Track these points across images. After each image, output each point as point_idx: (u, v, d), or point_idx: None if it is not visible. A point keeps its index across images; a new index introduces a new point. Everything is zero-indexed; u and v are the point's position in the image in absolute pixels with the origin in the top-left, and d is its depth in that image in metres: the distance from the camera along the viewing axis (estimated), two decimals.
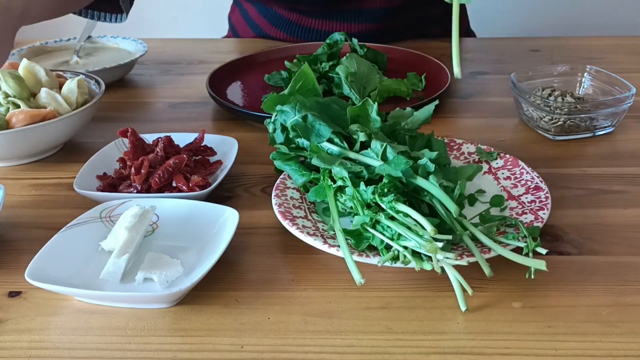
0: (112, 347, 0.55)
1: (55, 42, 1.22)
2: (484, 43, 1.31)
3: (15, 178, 0.83)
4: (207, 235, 0.66)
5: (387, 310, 0.58)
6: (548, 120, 0.87)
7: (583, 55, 1.21)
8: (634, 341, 0.54)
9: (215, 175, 0.78)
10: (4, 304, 0.60)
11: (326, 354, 0.53)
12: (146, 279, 0.61)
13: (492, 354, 0.53)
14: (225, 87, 1.04)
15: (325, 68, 1.02)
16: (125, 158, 0.77)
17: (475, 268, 0.59)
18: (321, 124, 0.68)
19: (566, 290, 0.60)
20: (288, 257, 0.66)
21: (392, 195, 0.59)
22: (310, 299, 0.60)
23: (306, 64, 0.77)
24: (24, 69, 0.88)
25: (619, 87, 0.91)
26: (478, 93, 1.05)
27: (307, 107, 0.70)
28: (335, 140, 0.69)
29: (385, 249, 0.59)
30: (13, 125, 0.81)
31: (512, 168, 0.75)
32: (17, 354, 0.54)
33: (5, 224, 0.72)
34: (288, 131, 0.71)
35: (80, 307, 0.59)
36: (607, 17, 2.00)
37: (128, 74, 1.16)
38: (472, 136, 0.86)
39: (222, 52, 1.28)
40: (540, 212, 0.65)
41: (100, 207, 0.68)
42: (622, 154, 0.84)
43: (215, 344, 0.55)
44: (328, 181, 0.65)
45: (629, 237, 0.67)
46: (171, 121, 0.99)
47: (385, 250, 0.59)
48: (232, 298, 0.60)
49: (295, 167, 0.70)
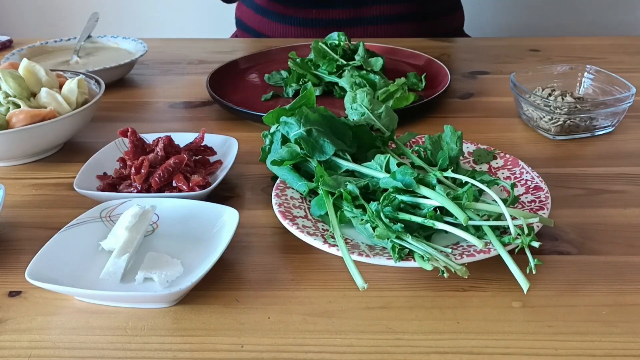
0: (112, 346, 0.55)
1: (55, 42, 1.22)
2: (484, 43, 1.31)
3: (15, 178, 0.83)
4: (207, 235, 0.66)
5: (387, 310, 0.58)
6: (548, 120, 0.87)
7: (583, 55, 1.21)
8: (634, 341, 0.54)
9: (215, 175, 0.78)
10: (4, 303, 0.60)
11: (326, 354, 0.53)
12: (146, 279, 0.61)
13: (492, 354, 0.53)
14: (225, 87, 1.04)
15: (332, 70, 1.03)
16: (126, 158, 0.77)
17: (476, 268, 0.59)
18: (325, 141, 0.69)
19: (566, 290, 0.60)
20: (288, 257, 0.66)
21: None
22: (310, 298, 0.60)
23: (311, 87, 0.78)
24: (24, 69, 0.88)
25: (619, 87, 0.91)
26: (478, 93, 1.05)
27: (311, 121, 0.70)
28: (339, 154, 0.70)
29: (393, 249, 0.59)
30: (13, 125, 0.81)
31: (512, 168, 0.75)
32: (17, 354, 0.54)
33: (5, 224, 0.72)
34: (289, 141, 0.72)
35: (81, 307, 0.59)
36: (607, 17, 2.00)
37: (128, 74, 1.16)
38: (472, 136, 0.86)
39: (222, 52, 1.28)
40: (540, 212, 0.65)
41: (100, 207, 0.68)
42: (622, 153, 0.84)
43: (215, 343, 0.55)
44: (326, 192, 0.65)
45: (629, 237, 0.67)
46: (171, 121, 0.99)
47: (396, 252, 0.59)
48: (232, 298, 0.60)
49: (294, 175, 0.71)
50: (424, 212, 0.62)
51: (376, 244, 0.62)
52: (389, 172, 0.66)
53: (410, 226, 0.61)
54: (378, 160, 0.68)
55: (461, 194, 0.62)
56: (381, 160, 0.67)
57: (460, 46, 1.31)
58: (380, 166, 0.67)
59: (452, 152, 0.73)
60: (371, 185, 0.66)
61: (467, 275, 0.56)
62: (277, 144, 0.72)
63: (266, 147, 0.74)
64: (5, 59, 1.11)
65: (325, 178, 0.66)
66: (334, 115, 0.73)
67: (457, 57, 1.25)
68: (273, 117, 0.75)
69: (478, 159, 0.78)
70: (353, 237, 0.64)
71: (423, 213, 0.62)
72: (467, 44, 1.33)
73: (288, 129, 0.71)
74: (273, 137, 0.73)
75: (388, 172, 0.66)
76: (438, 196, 0.61)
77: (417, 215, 0.61)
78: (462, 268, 0.56)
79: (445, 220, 0.61)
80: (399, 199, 0.63)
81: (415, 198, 0.63)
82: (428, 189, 0.62)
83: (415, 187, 0.62)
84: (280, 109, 0.75)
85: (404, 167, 0.64)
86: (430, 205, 0.62)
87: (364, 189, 0.66)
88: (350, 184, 0.65)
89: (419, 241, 0.59)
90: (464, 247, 0.61)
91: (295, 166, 0.72)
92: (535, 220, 0.61)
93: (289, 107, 0.75)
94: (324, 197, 0.65)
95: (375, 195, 0.66)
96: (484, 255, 0.59)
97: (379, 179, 0.66)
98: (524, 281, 0.56)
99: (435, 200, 0.61)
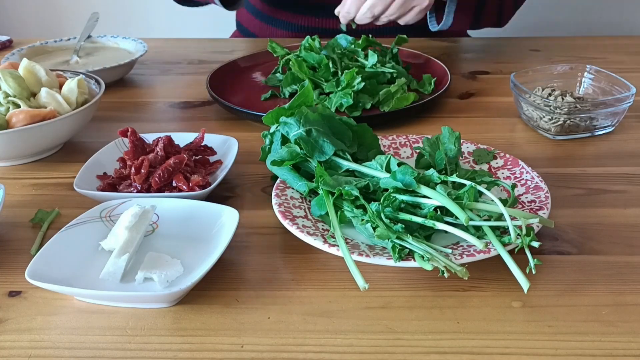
0: (112, 346, 0.55)
1: (55, 42, 1.22)
2: (484, 43, 1.31)
3: (15, 178, 0.83)
4: (207, 235, 0.66)
5: (387, 310, 0.58)
6: (548, 120, 0.87)
7: (583, 55, 1.21)
8: (634, 341, 0.54)
9: (215, 175, 0.78)
10: (4, 303, 0.60)
11: (326, 354, 0.53)
12: (146, 279, 0.61)
13: (492, 354, 0.53)
14: (225, 87, 1.04)
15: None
16: (126, 158, 0.77)
17: (476, 268, 0.59)
18: (325, 141, 0.69)
19: (566, 289, 0.60)
20: (288, 257, 0.66)
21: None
22: (310, 298, 0.60)
23: (309, 85, 0.78)
24: (24, 69, 0.88)
25: (619, 87, 0.91)
26: (478, 93, 1.05)
27: (311, 121, 0.70)
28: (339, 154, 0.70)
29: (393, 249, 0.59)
30: (13, 125, 0.81)
31: (512, 168, 0.75)
32: (17, 354, 0.54)
33: (5, 224, 0.72)
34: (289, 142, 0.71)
35: (81, 307, 0.59)
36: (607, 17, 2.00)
37: (128, 74, 1.16)
38: (472, 136, 0.86)
39: (222, 52, 1.28)
40: (540, 212, 0.65)
41: (100, 206, 0.68)
42: (622, 153, 0.84)
43: (215, 343, 0.55)
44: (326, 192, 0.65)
45: (629, 237, 0.67)
46: (171, 121, 0.99)
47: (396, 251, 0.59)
48: (232, 298, 0.60)
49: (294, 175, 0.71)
50: (425, 212, 0.62)
51: (376, 244, 0.62)
52: (389, 171, 0.66)
53: (410, 226, 0.61)
54: (378, 160, 0.68)
55: (462, 194, 0.62)
56: (382, 160, 0.67)
57: (460, 46, 1.31)
58: (381, 166, 0.67)
59: (450, 153, 0.73)
60: (372, 185, 0.66)
61: (467, 276, 0.56)
62: (277, 144, 0.72)
63: (266, 147, 0.74)
64: (5, 59, 1.11)
65: (326, 178, 0.66)
66: (334, 115, 0.73)
67: (457, 57, 1.25)
68: (273, 117, 0.75)
69: (478, 159, 0.78)
70: (353, 237, 0.64)
71: (424, 213, 0.62)
72: (467, 44, 1.33)
73: (288, 129, 0.71)
74: (273, 137, 0.73)
75: (388, 171, 0.66)
76: (439, 196, 0.61)
77: (418, 215, 0.61)
78: (462, 269, 0.56)
79: (445, 220, 0.61)
80: (399, 199, 0.62)
81: (416, 198, 0.63)
82: (429, 189, 0.62)
83: (415, 186, 0.62)
84: (280, 108, 0.75)
85: (404, 167, 0.64)
86: (431, 205, 0.62)
87: (364, 189, 0.66)
88: (350, 185, 0.65)
89: (419, 241, 0.59)
90: (464, 247, 0.61)
91: (295, 166, 0.72)
92: (535, 221, 0.61)
93: (287, 107, 0.75)
94: (324, 197, 0.65)
95: (376, 195, 0.66)
96: (484, 255, 0.59)
97: (379, 178, 0.66)
98: (524, 281, 0.56)
99: (436, 200, 0.61)
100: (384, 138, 0.81)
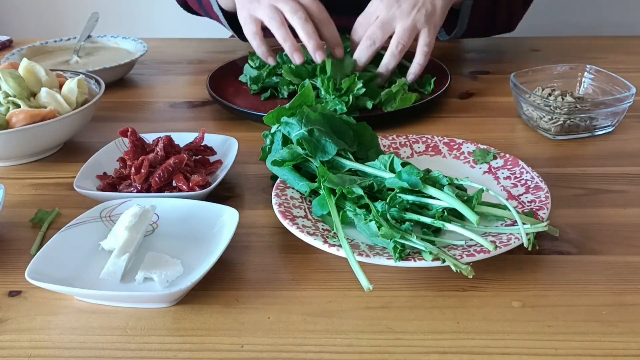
0: (112, 346, 0.55)
1: (55, 42, 1.22)
2: (484, 43, 1.31)
3: (15, 178, 0.83)
4: (207, 235, 0.66)
5: (387, 310, 0.58)
6: (548, 120, 0.87)
7: (583, 55, 1.21)
8: (634, 341, 0.54)
9: (215, 175, 0.78)
10: (4, 303, 0.60)
11: (326, 354, 0.53)
12: (146, 279, 0.61)
13: (492, 354, 0.53)
14: (225, 87, 1.04)
15: None
16: (126, 158, 0.77)
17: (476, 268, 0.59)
18: (327, 141, 0.69)
19: (566, 289, 0.60)
20: (288, 257, 0.66)
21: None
22: (310, 298, 0.60)
23: (309, 84, 0.77)
24: (24, 69, 0.88)
25: (619, 87, 0.91)
26: (478, 93, 1.05)
27: (313, 120, 0.70)
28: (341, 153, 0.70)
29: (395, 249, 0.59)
30: (13, 125, 0.81)
31: (512, 168, 0.75)
32: (17, 354, 0.54)
33: (5, 224, 0.72)
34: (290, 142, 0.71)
35: (81, 307, 0.59)
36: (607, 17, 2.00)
37: (128, 74, 1.16)
38: (472, 136, 0.86)
39: (222, 52, 1.28)
40: (540, 212, 0.65)
41: (100, 206, 0.68)
42: (622, 153, 0.84)
43: (215, 343, 0.55)
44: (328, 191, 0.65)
45: (629, 237, 0.67)
46: (171, 121, 0.99)
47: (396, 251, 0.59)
48: (232, 298, 0.60)
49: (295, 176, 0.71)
50: (432, 212, 0.62)
51: (376, 244, 0.62)
52: (392, 171, 0.66)
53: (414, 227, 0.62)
54: (382, 159, 0.67)
55: (472, 196, 0.62)
56: (385, 160, 0.67)
57: (460, 46, 1.31)
58: (384, 165, 0.67)
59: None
60: (376, 184, 0.66)
61: (471, 275, 0.56)
62: (278, 144, 0.72)
63: (266, 146, 0.74)
64: (5, 59, 1.11)
65: (330, 176, 0.66)
66: (334, 114, 0.73)
67: (457, 57, 1.25)
68: (273, 117, 0.75)
69: (478, 159, 0.78)
70: (353, 237, 0.64)
71: (431, 214, 0.62)
72: (467, 44, 1.33)
73: (289, 129, 0.71)
74: (274, 137, 0.73)
75: (392, 171, 0.66)
76: (448, 197, 0.61)
77: (424, 215, 0.62)
78: (467, 267, 0.56)
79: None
80: (405, 199, 0.62)
81: (422, 198, 0.63)
82: (437, 190, 0.62)
83: (421, 187, 0.62)
84: (281, 108, 0.75)
85: (409, 167, 0.64)
86: (439, 206, 0.62)
87: (368, 188, 0.66)
88: (354, 184, 0.65)
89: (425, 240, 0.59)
90: (464, 247, 0.61)
91: (296, 166, 0.72)
92: (544, 229, 0.60)
93: (288, 107, 0.75)
94: (327, 197, 0.65)
95: (381, 194, 0.66)
96: (484, 255, 0.59)
97: (383, 178, 0.66)
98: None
99: (444, 202, 0.61)
100: (384, 138, 0.81)
